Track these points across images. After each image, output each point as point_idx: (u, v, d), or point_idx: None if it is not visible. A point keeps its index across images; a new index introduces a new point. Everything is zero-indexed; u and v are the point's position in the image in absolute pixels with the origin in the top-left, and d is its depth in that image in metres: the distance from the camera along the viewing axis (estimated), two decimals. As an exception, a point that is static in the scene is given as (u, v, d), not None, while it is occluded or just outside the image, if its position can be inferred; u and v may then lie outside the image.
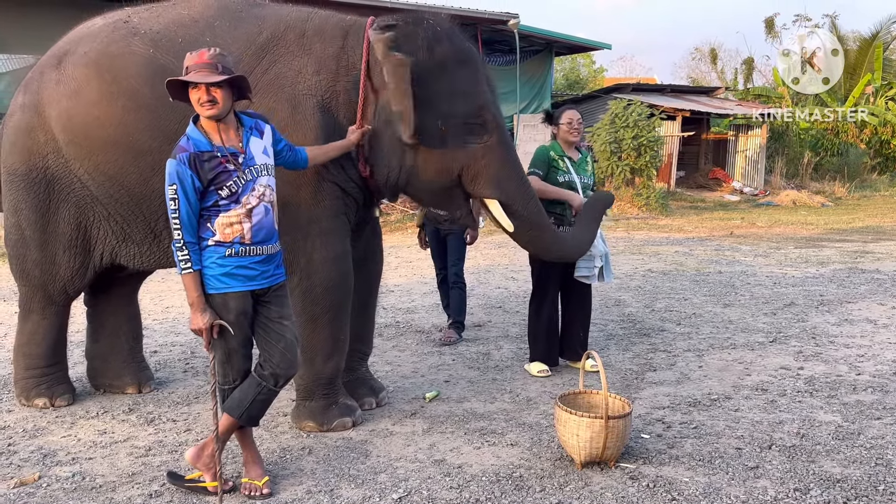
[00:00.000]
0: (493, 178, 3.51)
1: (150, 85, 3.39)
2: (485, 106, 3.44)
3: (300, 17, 3.57)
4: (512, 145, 3.65)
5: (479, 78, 3.48)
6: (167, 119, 3.38)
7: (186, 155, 2.78)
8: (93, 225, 3.70)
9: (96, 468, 3.21)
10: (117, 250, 3.74)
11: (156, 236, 3.65)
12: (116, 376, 4.15)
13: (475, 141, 3.44)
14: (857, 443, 3.47)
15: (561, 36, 17.55)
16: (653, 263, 8.76)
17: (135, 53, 3.45)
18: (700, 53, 33.73)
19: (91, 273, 3.80)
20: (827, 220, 14.05)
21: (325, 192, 3.45)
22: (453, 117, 3.38)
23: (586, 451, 3.16)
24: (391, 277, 7.68)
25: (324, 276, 3.46)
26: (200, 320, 2.82)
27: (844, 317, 6.00)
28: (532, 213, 3.65)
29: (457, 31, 3.51)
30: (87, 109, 3.47)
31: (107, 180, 3.55)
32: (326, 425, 3.60)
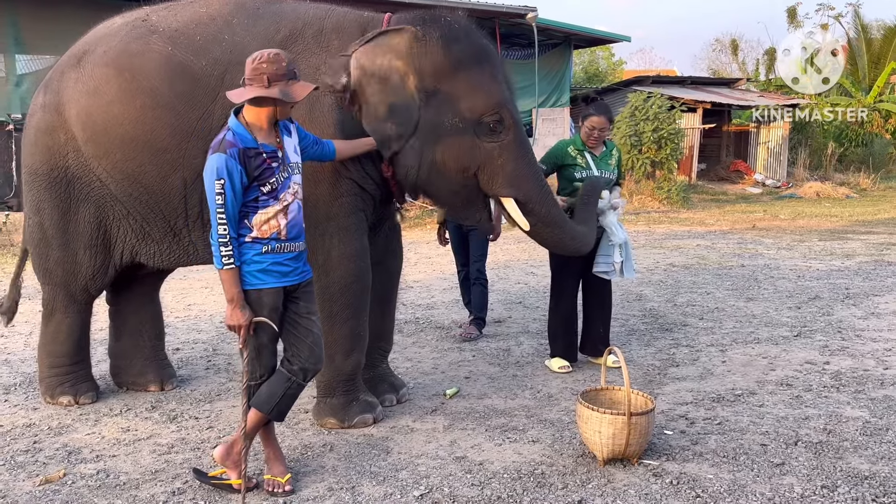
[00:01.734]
0: (510, 177, 3.48)
1: (168, 83, 3.41)
2: (502, 104, 3.41)
3: (318, 15, 3.56)
4: (528, 143, 3.62)
5: (496, 76, 3.45)
6: (186, 117, 3.40)
7: (236, 150, 2.78)
8: (113, 224, 3.73)
9: (120, 465, 3.23)
10: (137, 249, 3.76)
11: (175, 234, 3.66)
12: (139, 374, 4.18)
13: (492, 139, 3.41)
14: (885, 439, 3.41)
15: (579, 29, 17.43)
16: (674, 257, 8.69)
17: (153, 51, 3.47)
18: (721, 45, 33.39)
19: (112, 272, 3.83)
20: (852, 212, 13.85)
21: (342, 189, 3.44)
22: (470, 115, 3.36)
23: (609, 448, 3.13)
24: (411, 273, 7.67)
25: (342, 273, 3.46)
26: (241, 316, 2.81)
27: (871, 310, 5.91)
28: (549, 210, 3.62)
29: (474, 28, 3.47)
30: (107, 108, 3.49)
31: (125, 178, 3.57)
32: (347, 422, 3.60)
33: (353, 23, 3.52)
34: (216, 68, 3.43)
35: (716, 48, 34.21)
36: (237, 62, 3.38)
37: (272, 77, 2.78)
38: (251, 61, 2.80)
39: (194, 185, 3.48)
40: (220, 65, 3.43)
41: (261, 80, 2.77)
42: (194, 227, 3.63)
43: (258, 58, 2.79)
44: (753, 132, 20.36)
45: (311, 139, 3.14)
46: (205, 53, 3.45)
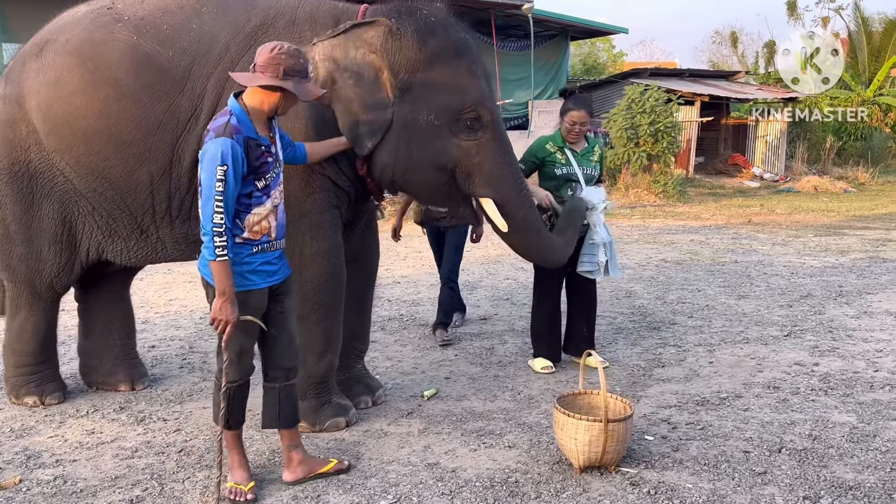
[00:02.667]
0: (487, 177, 3.37)
1: (133, 73, 3.29)
2: (480, 101, 3.29)
3: (291, 4, 3.44)
4: (508, 142, 3.49)
5: (474, 71, 3.32)
6: (152, 109, 3.29)
7: (242, 137, 2.67)
8: (78, 220, 3.60)
9: (79, 471, 3.12)
10: (103, 245, 3.64)
11: (142, 231, 3.55)
12: (109, 373, 4.07)
13: (469, 137, 3.30)
14: (872, 446, 3.31)
15: (576, 20, 17.28)
16: (667, 253, 8.57)
17: (118, 40, 3.33)
18: (720, 37, 33.15)
19: (78, 269, 3.71)
20: (849, 206, 13.72)
21: (315, 186, 3.33)
22: (447, 112, 3.24)
23: (585, 456, 3.03)
24: (399, 268, 7.57)
25: (315, 272, 3.35)
26: (230, 312, 2.69)
27: (864, 309, 5.80)
28: (525, 215, 3.51)
29: (452, 21, 3.34)
30: (68, 99, 3.36)
31: (89, 173, 3.44)
32: (319, 426, 3.50)
33: (328, 13, 3.40)
34: (183, 59, 3.30)
35: (716, 41, 33.98)
36: (205, 52, 3.28)
37: (288, 70, 2.71)
38: (268, 50, 2.70)
39: (161, 180, 3.38)
40: (188, 55, 3.31)
41: (276, 70, 2.68)
42: (162, 223, 3.51)
43: (276, 48, 2.71)
44: (752, 125, 20.18)
45: (286, 140, 3.03)
46: (171, 43, 3.32)
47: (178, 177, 3.38)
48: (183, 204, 3.45)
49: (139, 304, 6.01)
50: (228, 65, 3.25)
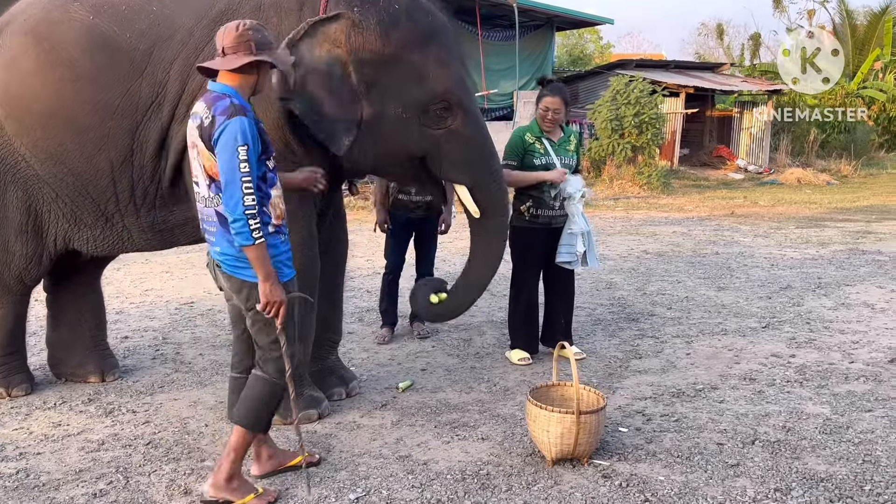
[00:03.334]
0: (458, 163, 3.35)
1: (88, 54, 3.21)
2: (449, 89, 3.25)
3: None
4: (481, 126, 3.46)
5: (443, 58, 3.27)
6: (110, 92, 3.21)
7: (252, 114, 2.59)
8: (43, 208, 3.50)
9: (43, 464, 3.06)
10: (70, 234, 3.55)
11: (107, 220, 3.47)
12: (78, 365, 4.00)
13: (440, 126, 3.27)
14: (844, 437, 3.30)
15: (561, 10, 17.23)
16: (649, 244, 8.56)
17: (74, 20, 3.25)
18: (707, 29, 33.25)
19: (47, 260, 3.62)
20: (831, 198, 13.78)
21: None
22: (415, 105, 3.21)
23: (557, 448, 3.00)
24: (379, 258, 7.48)
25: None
26: (280, 292, 2.59)
27: (841, 300, 5.81)
28: (496, 201, 3.52)
29: (419, 5, 3.27)
30: (24, 80, 3.28)
31: (47, 158, 3.36)
32: (291, 418, 3.44)
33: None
34: (142, 41, 3.23)
35: (702, 32, 34.08)
36: (167, 37, 3.21)
37: (259, 45, 2.60)
38: (233, 29, 2.57)
39: (122, 167, 3.31)
40: (147, 38, 3.23)
41: (247, 47, 2.57)
42: (126, 211, 3.44)
43: (241, 26, 2.58)
44: (736, 117, 20.24)
45: None
46: (130, 25, 3.24)
47: (141, 165, 3.32)
48: (147, 192, 3.38)
49: (114, 295, 5.95)
50: (192, 51, 3.18)
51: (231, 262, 2.63)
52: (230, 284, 2.69)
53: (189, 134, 2.66)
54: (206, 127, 2.54)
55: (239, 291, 2.67)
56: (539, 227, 4.29)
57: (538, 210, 4.25)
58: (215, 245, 2.67)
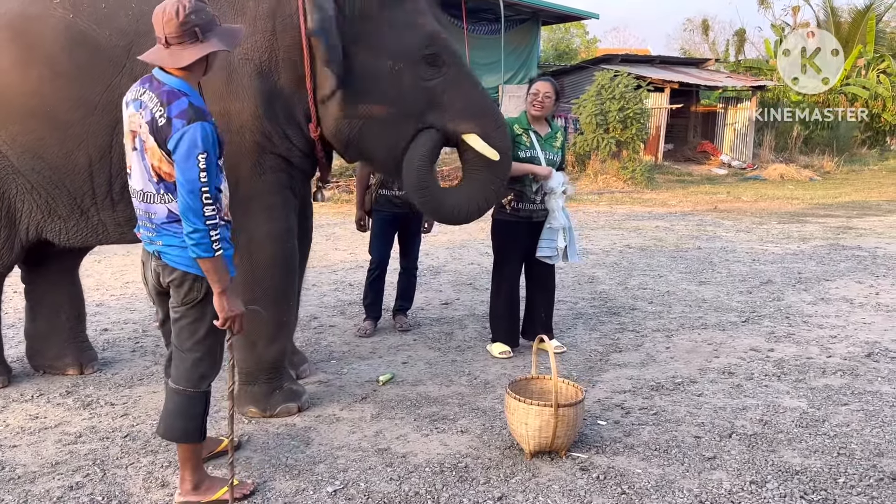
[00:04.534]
0: (463, 111, 3.36)
1: (68, 52, 3.18)
2: (434, 35, 3.27)
3: None
4: (473, 74, 3.48)
5: (421, 8, 3.30)
6: (88, 89, 3.19)
7: (212, 120, 2.48)
8: (16, 198, 3.46)
9: (19, 457, 3.04)
10: (43, 225, 3.51)
11: (83, 212, 3.44)
12: (56, 357, 3.97)
13: (433, 76, 3.28)
14: (820, 430, 3.34)
15: (547, 5, 17.24)
16: (631, 239, 8.60)
17: (53, 17, 3.21)
18: (692, 25, 33.35)
19: (18, 249, 3.58)
20: (813, 194, 13.90)
21: (266, 166, 3.26)
22: (405, 54, 3.21)
23: (535, 441, 3.01)
24: (362, 252, 7.48)
25: (266, 255, 3.29)
26: (238, 304, 2.54)
27: (821, 295, 5.87)
28: (505, 142, 3.51)
29: None
30: (2, 76, 3.23)
31: (25, 152, 3.32)
32: (270, 411, 3.44)
33: None
34: (122, 39, 3.20)
35: (687, 28, 34.18)
36: (145, 33, 3.16)
37: (204, 28, 2.44)
38: (174, 15, 2.39)
39: (101, 163, 3.29)
40: (126, 35, 3.21)
41: (192, 35, 2.42)
42: (103, 205, 3.41)
43: (182, 8, 2.40)
44: (721, 113, 20.34)
45: None
46: (109, 22, 3.22)
47: (119, 161, 3.28)
48: (125, 188, 3.35)
49: (95, 287, 5.91)
50: None
51: (174, 254, 2.52)
52: (172, 277, 2.54)
53: (130, 123, 2.52)
54: (160, 127, 2.41)
55: (181, 284, 2.53)
56: (521, 220, 4.30)
57: (520, 204, 4.26)
58: (156, 240, 2.54)
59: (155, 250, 2.55)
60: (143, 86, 2.51)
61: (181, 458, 2.68)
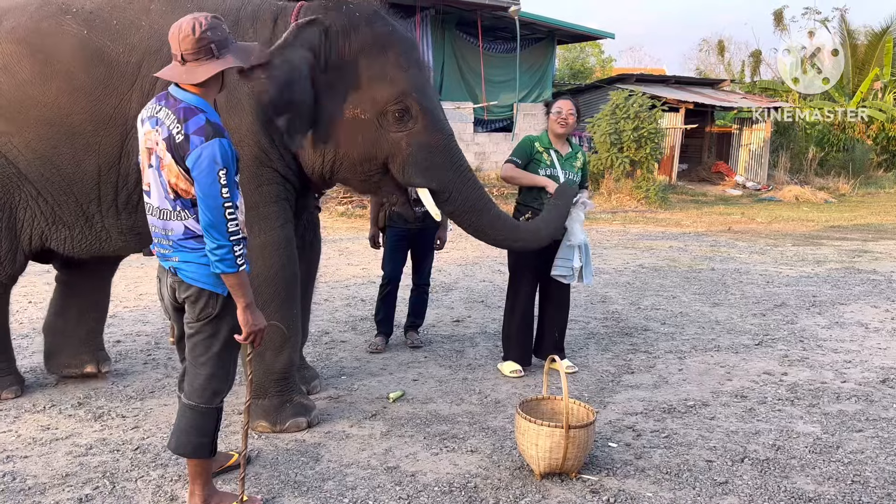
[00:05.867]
0: (420, 166, 3.40)
1: (84, 68, 3.28)
2: (406, 92, 3.29)
3: (235, 5, 3.45)
4: (445, 131, 3.50)
5: (401, 63, 3.32)
6: (103, 103, 3.29)
7: (229, 136, 2.49)
8: (20, 205, 3.53)
9: (30, 468, 3.05)
10: (47, 233, 3.57)
11: (88, 219, 3.52)
12: (74, 355, 4.06)
13: (399, 129, 3.32)
14: (834, 457, 3.30)
15: (563, 24, 17.27)
16: (645, 259, 8.57)
17: (67, 34, 3.31)
18: (708, 45, 33.33)
19: (21, 258, 3.64)
20: (829, 216, 13.82)
21: (263, 178, 3.34)
22: (373, 106, 3.26)
23: (546, 462, 2.99)
24: (374, 268, 7.51)
25: (265, 264, 3.31)
26: (261, 319, 2.57)
27: (836, 319, 5.81)
28: (467, 196, 3.53)
29: (379, 15, 3.36)
30: (20, 88, 3.31)
31: (37, 158, 3.40)
32: (279, 425, 3.45)
33: (267, 11, 3.45)
34: (133, 55, 3.29)
35: (703, 48, 34.16)
36: (155, 50, 3.27)
37: (220, 45, 2.48)
38: (191, 32, 2.43)
39: (109, 172, 3.39)
40: (137, 52, 3.30)
41: (208, 51, 2.46)
42: (108, 213, 3.49)
43: (198, 25, 2.43)
44: (735, 134, 20.31)
45: None
46: (121, 39, 3.31)
47: (127, 172, 3.39)
48: (130, 197, 3.46)
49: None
50: None
51: (191, 271, 2.53)
52: (188, 293, 2.56)
53: (146, 140, 2.53)
54: (178, 143, 2.42)
55: (197, 300, 2.55)
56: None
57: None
58: (173, 256, 2.55)
59: (171, 266, 2.57)
60: (159, 103, 2.54)
61: (191, 473, 2.69)
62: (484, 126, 16.23)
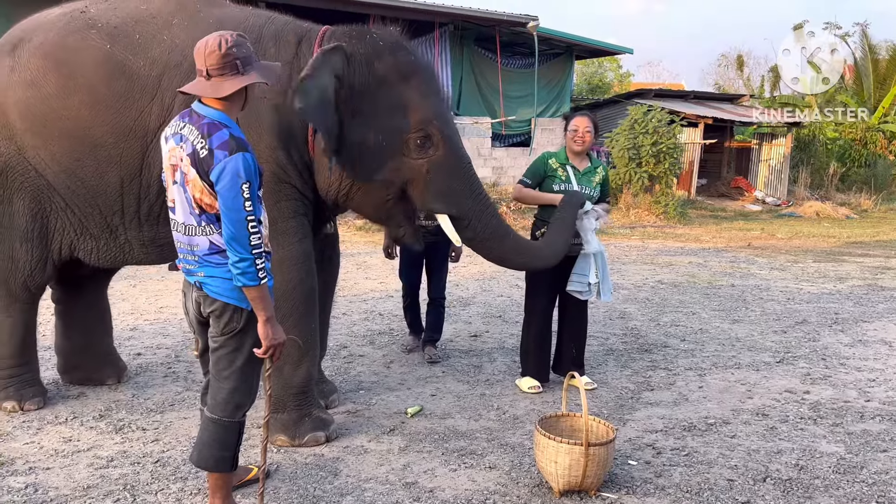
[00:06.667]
0: (440, 193, 3.43)
1: (106, 81, 3.35)
2: (428, 119, 3.33)
3: (258, 23, 3.50)
4: (463, 158, 3.53)
5: (423, 91, 3.37)
6: (125, 116, 3.35)
7: (252, 151, 2.52)
8: (51, 215, 3.62)
9: (52, 480, 3.08)
10: (76, 243, 3.67)
11: (112, 231, 3.59)
12: (95, 369, 4.19)
13: (420, 156, 3.35)
14: (858, 478, 3.25)
15: (581, 39, 17.28)
16: (664, 274, 8.52)
17: (92, 48, 3.39)
18: (727, 60, 33.24)
19: (51, 267, 3.72)
20: (850, 232, 13.68)
21: (282, 194, 3.38)
22: (394, 133, 3.30)
23: (565, 479, 2.98)
24: (392, 281, 7.52)
25: (283, 279, 3.32)
26: (281, 333, 2.59)
27: (858, 337, 5.75)
28: (487, 224, 3.56)
29: (401, 44, 3.42)
30: (45, 101, 3.41)
31: (62, 171, 3.49)
32: (298, 440, 3.45)
33: (291, 32, 3.49)
34: (154, 68, 3.36)
35: (722, 63, 34.07)
36: (175, 64, 3.32)
37: (245, 61, 2.51)
38: (217, 48, 2.47)
39: (131, 184, 3.44)
40: (158, 65, 3.36)
41: (233, 67, 2.49)
42: (130, 225, 3.55)
43: (224, 42, 2.47)
44: (755, 149, 20.19)
45: None
46: (143, 52, 3.38)
47: (148, 184, 3.45)
48: (152, 209, 3.51)
49: (129, 311, 6.01)
50: None
51: (216, 285, 2.56)
52: (213, 308, 2.58)
53: (170, 157, 2.56)
54: (202, 158, 2.46)
55: (221, 314, 2.57)
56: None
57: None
58: (198, 271, 2.58)
59: (196, 281, 2.60)
60: (183, 120, 2.57)
61: (211, 487, 2.70)
62: (502, 141, 16.26)
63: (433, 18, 14.56)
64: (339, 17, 4.02)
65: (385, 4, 13.28)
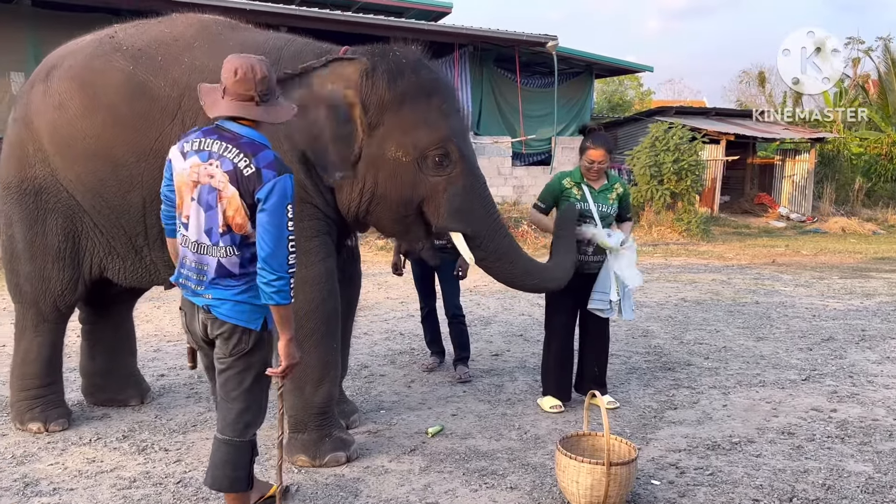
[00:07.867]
0: (456, 211, 3.45)
1: (127, 101, 3.42)
2: (447, 138, 3.36)
3: (277, 45, 3.56)
4: (479, 178, 3.56)
5: (443, 109, 3.40)
6: (145, 136, 3.41)
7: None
8: (82, 235, 3.71)
9: (75, 500, 3.10)
10: (104, 263, 3.74)
11: (137, 252, 3.66)
12: (119, 390, 4.24)
13: (438, 173, 3.37)
14: (888, 497, 3.19)
15: (600, 58, 17.32)
16: (687, 292, 8.45)
17: (115, 69, 3.48)
18: (748, 76, 33.07)
19: (81, 287, 3.79)
20: (877, 248, 13.49)
21: (303, 213, 3.38)
22: (414, 150, 3.32)
23: (587, 500, 2.95)
24: (413, 300, 7.52)
25: (305, 298, 3.33)
26: (298, 354, 2.62)
27: (886, 354, 5.65)
28: (500, 245, 3.59)
29: (423, 63, 3.45)
30: (71, 122, 3.50)
31: (88, 191, 3.57)
32: (319, 460, 3.45)
33: (311, 53, 3.52)
34: (174, 89, 3.42)
35: (743, 80, 33.90)
36: (195, 85, 3.34)
37: (262, 95, 2.55)
38: (266, 73, 2.53)
39: (153, 205, 3.44)
40: (179, 86, 3.42)
41: (275, 92, 2.60)
42: (154, 245, 3.60)
43: (249, 71, 2.49)
44: (778, 165, 20.03)
45: None
46: (164, 73, 3.45)
47: None
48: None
49: (153, 333, 6.06)
50: None
51: (225, 309, 2.56)
52: (222, 330, 2.58)
53: (192, 172, 2.55)
54: (246, 177, 2.46)
55: (230, 336, 2.58)
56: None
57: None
58: (205, 293, 2.58)
59: (204, 304, 2.60)
60: (208, 137, 2.55)
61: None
62: (522, 160, 16.28)
63: (453, 40, 14.69)
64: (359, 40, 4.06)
65: (405, 27, 13.42)
